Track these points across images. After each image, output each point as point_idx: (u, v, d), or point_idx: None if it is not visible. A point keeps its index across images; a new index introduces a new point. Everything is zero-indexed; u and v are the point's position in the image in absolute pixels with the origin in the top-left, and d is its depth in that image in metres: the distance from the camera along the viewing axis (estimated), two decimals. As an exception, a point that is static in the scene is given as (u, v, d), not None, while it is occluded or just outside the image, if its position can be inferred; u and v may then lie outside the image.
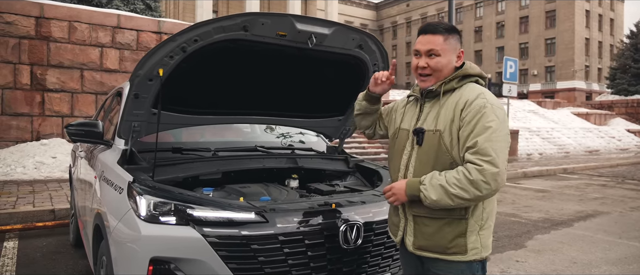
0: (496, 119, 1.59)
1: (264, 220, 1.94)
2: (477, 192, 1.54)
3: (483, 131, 1.57)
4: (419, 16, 59.86)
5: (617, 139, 23.11)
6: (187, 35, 2.15)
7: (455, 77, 1.72)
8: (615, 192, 9.12)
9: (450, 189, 1.56)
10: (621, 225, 6.03)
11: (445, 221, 1.65)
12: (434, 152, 1.66)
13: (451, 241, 1.65)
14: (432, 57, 1.71)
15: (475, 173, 1.53)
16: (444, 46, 1.70)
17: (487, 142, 1.55)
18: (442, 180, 1.58)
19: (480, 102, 1.62)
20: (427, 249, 1.69)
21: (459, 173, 1.57)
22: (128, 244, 1.92)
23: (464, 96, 1.67)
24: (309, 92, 2.93)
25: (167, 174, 2.43)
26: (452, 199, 1.56)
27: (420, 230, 1.71)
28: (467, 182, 1.54)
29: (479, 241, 1.66)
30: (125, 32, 10.61)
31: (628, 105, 30.76)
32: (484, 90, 1.70)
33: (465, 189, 1.54)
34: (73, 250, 4.33)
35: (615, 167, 14.83)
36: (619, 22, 50.67)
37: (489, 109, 1.60)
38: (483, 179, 1.53)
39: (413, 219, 1.73)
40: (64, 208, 5.60)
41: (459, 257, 1.65)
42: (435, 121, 1.68)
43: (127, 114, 2.43)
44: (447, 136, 1.65)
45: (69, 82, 10.00)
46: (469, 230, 1.65)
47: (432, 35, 1.71)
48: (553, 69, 46.85)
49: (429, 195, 1.59)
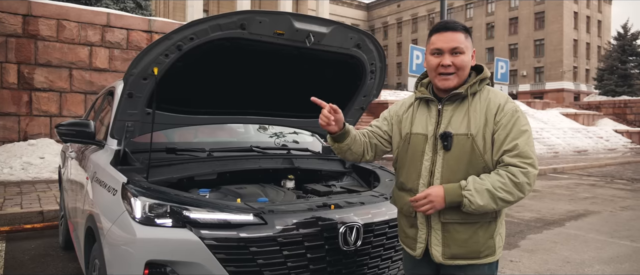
0: (528, 124, 1.64)
1: (262, 222, 1.90)
2: (521, 194, 1.57)
3: (520, 134, 1.59)
4: (410, 17, 60.13)
5: (605, 139, 23.39)
6: (183, 33, 2.10)
7: (478, 80, 1.69)
8: (605, 192, 9.21)
9: (497, 193, 1.55)
10: (612, 224, 6.09)
11: (478, 225, 1.64)
12: (466, 156, 1.62)
13: (484, 244, 1.65)
14: (457, 55, 1.66)
15: (521, 176, 1.55)
16: (466, 43, 1.67)
17: (526, 146, 1.58)
18: (488, 185, 1.56)
19: (511, 105, 1.64)
20: (461, 257, 1.64)
21: (503, 177, 1.56)
22: (123, 247, 1.87)
23: (493, 100, 1.65)
24: (306, 92, 2.87)
25: (161, 175, 2.38)
26: (497, 203, 1.56)
27: (452, 238, 1.65)
28: (512, 185, 1.55)
29: (501, 240, 1.72)
30: (115, 30, 10.47)
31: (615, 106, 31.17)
32: (507, 94, 1.73)
33: (510, 192, 1.56)
34: (63, 253, 4.25)
35: (603, 167, 15.00)
36: (606, 24, 51.35)
37: (521, 114, 1.64)
38: (527, 180, 1.56)
39: (442, 227, 1.66)
40: (52, 210, 5.50)
41: (489, 259, 1.67)
42: (466, 125, 1.63)
43: (121, 113, 2.37)
44: (480, 140, 1.62)
45: (57, 81, 9.85)
46: (496, 231, 1.69)
47: (453, 32, 1.66)
48: (542, 70, 47.34)
49: (475, 201, 1.55)
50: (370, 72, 2.78)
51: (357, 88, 2.89)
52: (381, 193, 2.45)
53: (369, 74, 2.79)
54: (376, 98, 3.07)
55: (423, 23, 58.74)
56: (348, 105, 3.05)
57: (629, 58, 35.08)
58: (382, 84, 2.95)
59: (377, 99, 16.69)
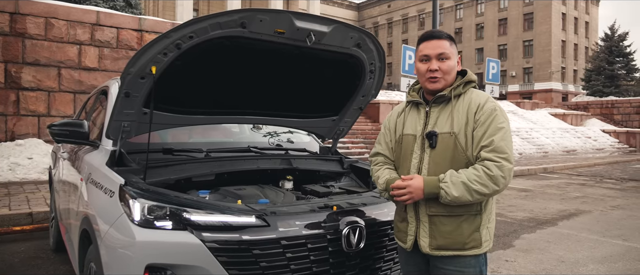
0: (505, 121, 1.76)
1: (265, 224, 1.87)
2: (495, 186, 1.66)
3: (497, 131, 1.71)
4: (400, 17, 60.37)
5: (593, 139, 23.68)
6: (182, 31, 2.06)
7: (462, 83, 1.84)
8: (595, 191, 9.31)
9: (472, 185, 1.66)
10: (603, 223, 6.14)
11: (463, 218, 1.74)
12: (450, 153, 1.75)
13: (469, 236, 1.74)
14: (443, 60, 1.81)
15: (495, 169, 1.66)
16: (451, 50, 1.83)
17: (502, 141, 1.69)
18: (463, 178, 1.67)
19: (490, 105, 1.77)
20: (446, 248, 1.75)
21: (478, 170, 1.68)
22: (121, 250, 1.82)
23: (474, 100, 1.79)
24: (304, 92, 2.86)
25: (158, 176, 2.33)
26: (472, 194, 1.67)
27: (437, 230, 1.76)
28: (487, 177, 1.66)
29: (489, 234, 1.80)
30: (104, 29, 10.34)
31: (603, 106, 31.60)
32: (488, 95, 1.84)
33: (485, 184, 1.66)
34: (54, 255, 4.17)
35: (592, 166, 15.18)
36: (593, 25, 52.05)
37: (499, 112, 1.76)
38: (502, 174, 1.66)
39: (429, 220, 1.78)
40: (42, 211, 5.39)
41: (475, 251, 1.75)
42: (450, 124, 1.77)
43: (117, 113, 2.32)
44: (462, 138, 1.75)
45: (45, 80, 9.69)
46: (482, 224, 1.77)
47: (438, 40, 1.83)
48: (531, 71, 47.83)
49: (450, 192, 1.67)
50: (370, 71, 2.76)
51: (356, 88, 2.87)
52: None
53: (368, 74, 2.77)
54: (374, 98, 3.05)
55: (413, 23, 59.01)
56: (347, 105, 3.03)
57: (616, 59, 35.61)
58: (381, 84, 2.93)
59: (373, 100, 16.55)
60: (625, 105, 30.79)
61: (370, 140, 15.15)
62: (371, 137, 15.39)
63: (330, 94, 2.94)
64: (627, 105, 30.73)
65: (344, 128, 3.24)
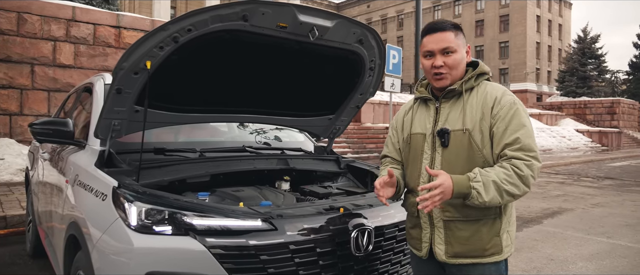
0: (527, 117, 1.62)
1: (272, 227, 1.77)
2: (526, 187, 1.54)
3: (520, 127, 1.56)
4: (379, 18, 60.73)
5: (568, 138, 24.29)
6: (181, 24, 1.93)
7: (474, 76, 1.69)
8: (574, 190, 9.49)
9: (503, 186, 1.51)
10: (586, 221, 6.24)
11: (481, 222, 1.61)
12: (464, 152, 1.61)
13: (489, 242, 1.61)
14: (448, 54, 1.65)
15: (526, 169, 1.52)
16: (457, 41, 1.67)
17: (528, 139, 1.56)
18: (494, 177, 1.52)
19: (509, 98, 1.62)
20: (465, 255, 1.62)
21: (508, 169, 1.53)
22: (117, 258, 1.69)
23: (490, 93, 1.64)
24: (302, 89, 2.77)
25: (152, 178, 2.20)
26: (503, 196, 1.52)
27: (454, 236, 1.63)
28: (517, 178, 1.52)
29: (510, 238, 1.66)
30: (80, 25, 9.98)
31: (576, 107, 32.48)
32: (505, 88, 1.69)
33: (516, 184, 1.52)
34: (31, 261, 3.96)
35: (569, 165, 15.54)
36: (566, 28, 53.44)
37: (520, 106, 1.61)
38: (532, 173, 1.53)
39: (444, 225, 1.64)
40: (17, 214, 5.14)
41: (496, 258, 1.62)
42: (462, 120, 1.63)
43: (107, 111, 2.17)
44: (477, 134, 1.60)
45: (17, 77, 9.29)
46: (502, 228, 1.63)
47: (442, 32, 1.65)
48: (506, 71, 48.76)
49: (482, 194, 1.50)
50: (369, 69, 2.68)
51: (355, 85, 2.79)
52: None
53: (367, 71, 2.69)
54: (372, 96, 2.98)
55: (392, 24, 59.43)
56: (344, 102, 2.95)
57: (589, 60, 36.66)
58: (380, 82, 2.86)
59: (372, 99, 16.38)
60: (597, 105, 31.74)
61: (352, 140, 15.14)
62: (353, 137, 15.38)
63: (328, 92, 2.86)
64: (599, 105, 31.69)
65: (340, 127, 3.16)
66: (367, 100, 2.98)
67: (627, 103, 32.69)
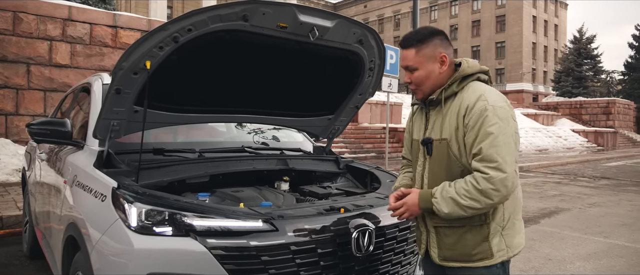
0: (498, 122, 1.52)
1: (273, 228, 1.76)
2: (488, 200, 1.50)
3: (486, 137, 1.51)
4: (376, 18, 60.77)
5: (564, 138, 24.39)
6: (180, 23, 1.92)
7: (454, 81, 1.65)
8: (571, 189, 9.53)
9: (462, 201, 1.52)
10: (583, 221, 6.27)
11: (465, 229, 1.62)
12: (444, 161, 1.63)
13: (475, 248, 1.61)
14: (411, 72, 1.68)
15: (484, 182, 1.49)
16: (417, 59, 1.65)
17: (491, 148, 1.50)
18: (452, 193, 1.54)
19: (480, 105, 1.55)
20: (452, 259, 1.66)
21: (467, 184, 1.52)
22: (117, 259, 1.68)
23: (465, 100, 1.60)
24: (301, 89, 2.76)
25: (151, 178, 2.19)
26: (464, 210, 1.53)
27: (442, 241, 1.68)
28: (476, 192, 1.50)
29: (504, 242, 1.63)
30: (77, 25, 9.94)
31: (572, 107, 32.62)
32: (485, 90, 1.61)
33: (476, 199, 1.50)
34: (28, 262, 3.93)
35: (565, 165, 15.59)
36: (562, 28, 53.63)
37: (490, 112, 1.53)
38: (492, 187, 1.48)
39: (435, 231, 1.70)
40: (13, 215, 5.11)
41: (486, 262, 1.61)
42: (441, 130, 1.64)
43: (106, 111, 2.16)
44: (454, 144, 1.60)
45: (13, 77, 9.24)
46: (491, 233, 1.61)
47: (404, 50, 1.68)
48: (503, 72, 48.90)
49: (441, 209, 1.56)
50: (369, 69, 2.68)
51: (354, 86, 2.79)
52: (386, 195, 2.35)
53: (367, 72, 2.69)
54: (371, 97, 2.98)
55: (389, 24, 59.49)
56: (343, 103, 2.94)
57: (584, 61, 36.84)
58: (379, 82, 2.86)
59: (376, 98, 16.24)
60: (593, 105, 31.88)
61: (350, 140, 15.14)
62: (350, 137, 15.39)
63: (328, 92, 2.85)
64: (594, 105, 31.84)
65: (339, 127, 3.16)
66: (366, 100, 2.98)
67: (623, 103, 32.86)
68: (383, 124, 17.11)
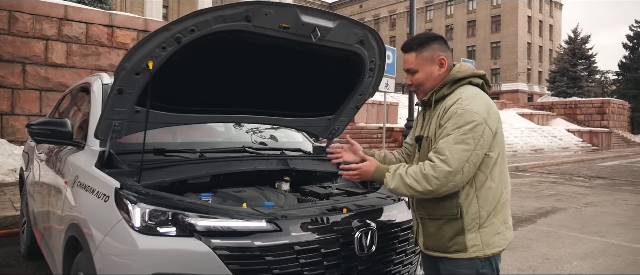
0: (463, 126, 1.64)
1: (277, 229, 1.77)
2: (428, 186, 1.64)
3: (446, 135, 1.67)
4: (372, 18, 60.85)
5: (559, 138, 24.51)
6: (184, 24, 1.93)
7: (445, 85, 1.78)
8: (567, 189, 9.58)
9: (406, 180, 1.68)
10: (579, 221, 6.31)
11: (443, 221, 1.74)
12: (426, 157, 1.75)
13: (450, 240, 1.72)
14: (412, 74, 1.83)
15: (429, 168, 1.65)
16: (417, 62, 1.80)
17: (445, 144, 1.65)
18: (403, 171, 1.71)
19: (454, 108, 1.69)
20: (433, 249, 1.80)
21: (417, 167, 1.70)
22: (122, 260, 1.68)
23: (447, 104, 1.74)
24: (302, 90, 2.77)
25: (153, 179, 2.19)
26: (407, 189, 1.69)
27: (426, 231, 1.82)
28: (421, 175, 1.66)
29: (480, 239, 1.70)
30: (73, 24, 9.89)
31: (567, 107, 32.79)
32: (465, 95, 1.72)
33: (418, 181, 1.66)
34: (26, 263, 3.91)
35: (561, 165, 15.67)
36: (557, 29, 53.90)
37: (459, 115, 1.66)
38: (434, 174, 1.63)
39: (421, 222, 1.84)
40: (10, 216, 5.08)
41: (461, 255, 1.71)
42: (428, 129, 1.82)
43: (108, 112, 2.16)
44: (434, 143, 1.75)
45: (9, 77, 9.19)
46: (466, 228, 1.70)
47: (405, 54, 1.84)
48: (498, 72, 49.09)
49: (388, 183, 1.73)
50: (370, 70, 2.69)
51: (355, 86, 2.80)
52: (388, 195, 2.37)
53: (368, 72, 2.70)
54: (372, 97, 2.99)
55: (385, 24, 59.59)
56: (344, 103, 2.95)
57: (579, 61, 37.02)
58: (379, 83, 2.87)
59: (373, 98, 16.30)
60: (588, 105, 32.06)
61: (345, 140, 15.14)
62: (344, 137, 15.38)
63: (328, 93, 2.86)
64: (589, 105, 32.02)
65: (340, 127, 3.17)
66: (367, 100, 2.99)
67: (617, 103, 33.06)
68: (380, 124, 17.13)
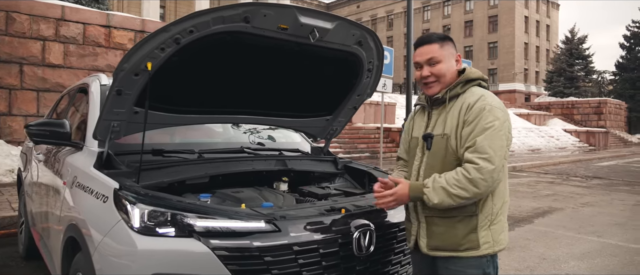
0: (496, 120, 1.69)
1: (276, 229, 1.77)
2: (476, 189, 1.63)
3: (482, 131, 1.67)
4: (369, 18, 60.88)
5: (556, 138, 24.59)
6: (182, 25, 1.93)
7: (459, 83, 1.81)
8: (564, 189, 9.62)
9: (451, 190, 1.64)
10: (576, 220, 6.34)
11: (457, 219, 1.73)
12: (442, 154, 1.76)
13: (464, 238, 1.72)
14: (433, 65, 1.81)
15: (474, 172, 1.62)
16: (441, 52, 1.81)
17: (485, 140, 1.65)
18: (443, 182, 1.67)
19: (480, 104, 1.72)
20: (441, 248, 1.76)
21: (458, 174, 1.66)
22: (121, 260, 1.69)
23: (467, 100, 1.77)
24: (300, 90, 2.78)
25: (151, 179, 2.19)
26: (453, 199, 1.65)
27: (432, 231, 1.78)
28: (466, 181, 1.63)
29: (490, 236, 1.73)
30: (70, 24, 9.87)
31: (564, 107, 32.90)
32: (485, 92, 1.79)
33: (465, 188, 1.63)
34: (24, 263, 3.91)
35: (558, 165, 15.73)
36: (554, 28, 54.05)
37: (488, 111, 1.70)
38: (481, 176, 1.62)
39: (426, 221, 1.80)
40: (7, 216, 5.07)
41: (472, 253, 1.72)
42: (443, 126, 1.79)
43: (107, 112, 2.16)
44: (453, 139, 1.74)
45: (6, 77, 9.17)
46: (479, 225, 1.72)
47: (428, 45, 1.83)
48: (495, 72, 49.19)
49: (431, 198, 1.68)
50: (367, 70, 2.70)
51: (353, 87, 2.81)
52: None
53: (366, 73, 2.71)
54: (370, 97, 3.00)
55: (382, 24, 59.64)
56: (342, 104, 2.96)
57: (576, 61, 37.17)
58: (377, 83, 2.88)
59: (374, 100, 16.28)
60: (585, 105, 32.18)
61: (344, 140, 15.18)
62: (344, 137, 15.42)
63: (326, 93, 2.87)
64: (586, 105, 32.14)
65: (337, 128, 3.18)
66: (364, 101, 3.00)
67: (614, 103, 33.20)
68: (377, 124, 17.17)
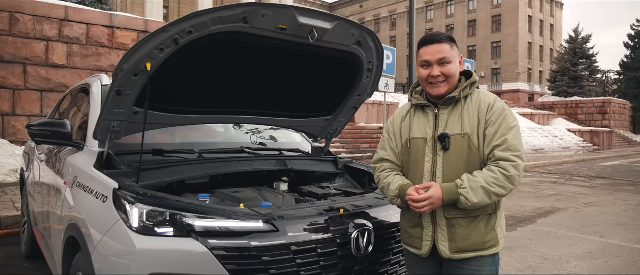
0: (515, 121, 1.77)
1: (274, 229, 1.78)
2: (512, 186, 1.68)
3: (509, 130, 1.71)
4: (372, 17, 60.84)
5: (560, 138, 24.49)
6: (181, 26, 1.94)
7: (469, 84, 1.84)
8: (567, 189, 9.58)
9: (491, 189, 1.66)
10: (579, 220, 6.31)
11: (480, 218, 1.75)
12: (465, 154, 1.75)
13: (486, 236, 1.75)
14: (444, 65, 1.79)
15: (512, 169, 1.66)
16: (452, 53, 1.81)
17: (515, 140, 1.71)
18: (481, 182, 1.67)
19: (500, 105, 1.79)
20: (466, 250, 1.74)
21: (495, 172, 1.67)
22: (119, 260, 1.69)
23: (484, 100, 1.80)
24: (300, 91, 2.78)
25: (151, 179, 2.20)
26: (491, 197, 1.67)
27: (456, 233, 1.75)
28: (504, 179, 1.66)
29: (502, 231, 1.81)
30: (73, 25, 9.92)
31: (568, 106, 32.76)
32: (495, 95, 1.87)
33: (503, 186, 1.66)
34: (27, 263, 3.93)
35: (561, 165, 15.67)
36: (558, 28, 53.86)
37: (509, 112, 1.78)
38: (518, 173, 1.67)
39: (447, 223, 1.76)
40: (10, 216, 5.10)
41: (494, 250, 1.76)
42: (461, 125, 1.77)
43: (107, 113, 2.17)
44: (475, 138, 1.75)
45: (10, 77, 9.23)
46: (497, 222, 1.79)
47: (439, 44, 1.80)
48: (499, 71, 49.08)
49: (470, 199, 1.66)
50: (368, 70, 2.70)
51: (353, 87, 2.81)
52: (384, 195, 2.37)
53: (365, 73, 2.71)
54: (370, 97, 3.00)
55: (385, 24, 59.58)
56: (342, 104, 2.96)
57: (580, 60, 36.98)
58: (377, 83, 2.88)
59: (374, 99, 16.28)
60: (589, 105, 32.03)
61: (346, 140, 15.18)
62: (347, 137, 15.42)
63: (326, 93, 2.87)
64: (590, 105, 32.00)
65: (338, 128, 3.18)
66: (365, 101, 3.00)
67: (618, 103, 33.04)
68: (380, 124, 17.15)
